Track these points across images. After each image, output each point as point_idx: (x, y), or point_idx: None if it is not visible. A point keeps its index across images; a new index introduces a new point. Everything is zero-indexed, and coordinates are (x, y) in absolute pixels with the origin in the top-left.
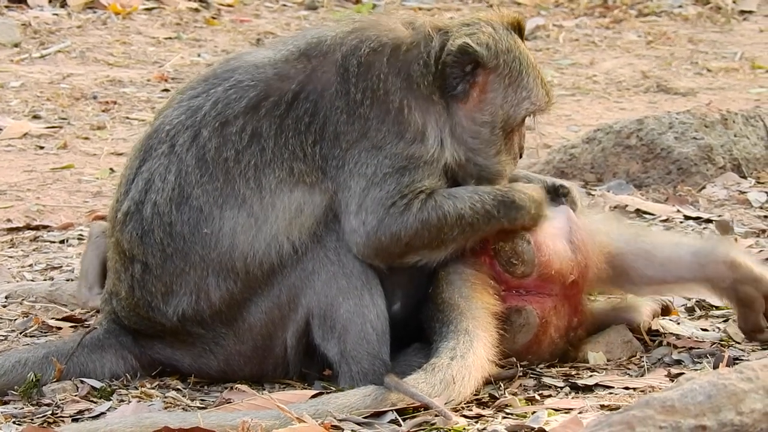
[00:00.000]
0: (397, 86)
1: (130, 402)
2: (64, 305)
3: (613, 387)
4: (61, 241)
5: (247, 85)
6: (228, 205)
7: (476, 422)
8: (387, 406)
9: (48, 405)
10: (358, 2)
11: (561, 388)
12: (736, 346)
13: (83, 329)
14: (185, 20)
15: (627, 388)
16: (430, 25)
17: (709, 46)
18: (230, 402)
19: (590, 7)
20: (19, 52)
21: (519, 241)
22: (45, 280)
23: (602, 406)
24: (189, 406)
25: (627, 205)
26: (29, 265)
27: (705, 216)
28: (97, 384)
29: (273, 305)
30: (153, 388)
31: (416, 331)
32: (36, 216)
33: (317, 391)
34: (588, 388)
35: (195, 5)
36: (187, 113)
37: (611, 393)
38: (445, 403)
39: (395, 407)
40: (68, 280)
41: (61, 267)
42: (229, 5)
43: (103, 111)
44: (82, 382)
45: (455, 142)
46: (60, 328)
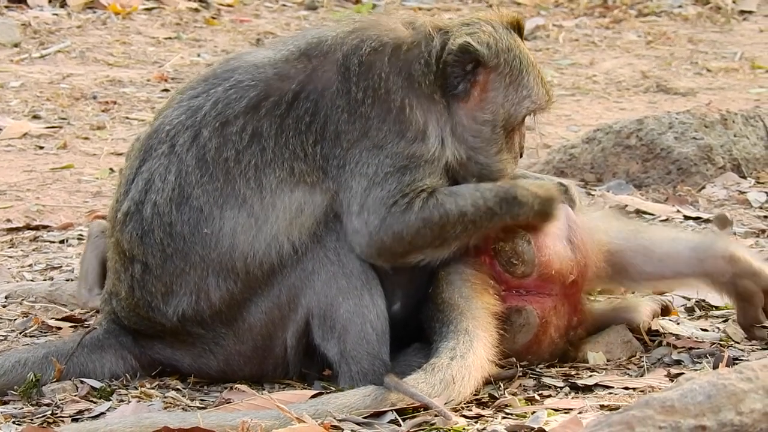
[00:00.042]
0: (398, 85)
1: (129, 402)
2: (63, 305)
3: (613, 387)
4: (61, 241)
5: (247, 85)
6: (228, 205)
7: (476, 422)
8: (387, 406)
9: (48, 405)
10: (358, 2)
11: (561, 388)
12: (736, 347)
13: (83, 329)
14: (185, 20)
15: (627, 388)
16: (430, 25)
17: (709, 46)
18: (230, 402)
19: (590, 7)
20: (18, 52)
21: (519, 241)
22: (45, 280)
23: (602, 406)
24: (189, 406)
25: (627, 205)
26: (29, 265)
27: (705, 216)
28: (97, 384)
29: (273, 305)
30: (153, 388)
31: (416, 331)
32: (36, 216)
33: (317, 391)
34: (588, 388)
35: (195, 5)
36: (187, 113)
37: (611, 393)
38: (445, 403)
39: (395, 407)
40: (68, 280)
41: (60, 267)
42: (228, 5)
43: (103, 111)
44: (81, 382)
45: (456, 141)
46: (60, 328)
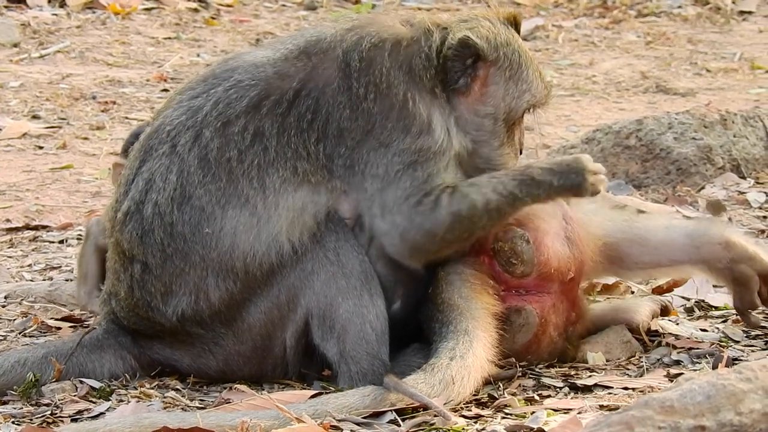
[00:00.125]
0: (399, 80)
1: (129, 402)
2: (63, 305)
3: (612, 387)
4: (61, 241)
5: (247, 85)
6: (230, 205)
7: (475, 422)
8: (386, 406)
9: (47, 405)
10: (357, 2)
11: (560, 388)
12: (735, 347)
13: (82, 329)
14: (184, 20)
15: (626, 388)
16: (429, 21)
17: (709, 47)
18: (229, 402)
19: (589, 7)
20: (18, 52)
21: (518, 241)
22: (44, 280)
23: (601, 407)
24: (188, 406)
25: (626, 206)
26: (28, 265)
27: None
28: (96, 384)
29: (272, 305)
30: (152, 388)
31: (416, 332)
32: (35, 216)
33: (316, 392)
34: (587, 389)
35: (194, 5)
36: (187, 114)
37: (610, 393)
38: (445, 404)
39: (394, 407)
40: (67, 280)
41: (60, 267)
42: (228, 5)
43: (103, 111)
44: (81, 382)
45: (461, 132)
46: (59, 328)
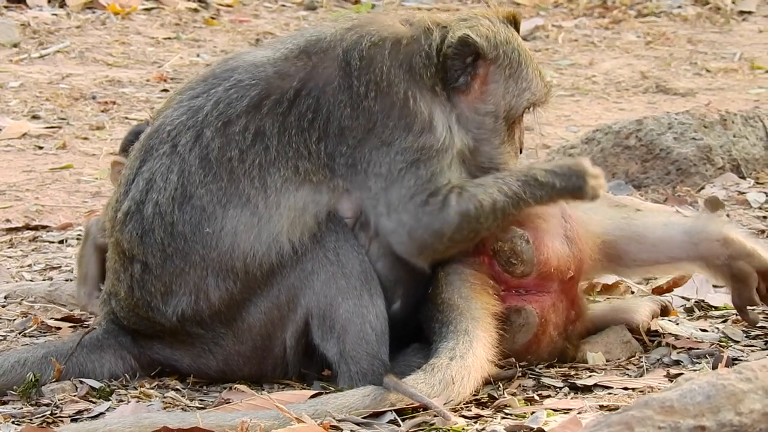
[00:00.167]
0: (400, 78)
1: (129, 402)
2: (63, 305)
3: (612, 387)
4: (60, 242)
5: (247, 84)
6: (231, 205)
7: (475, 422)
8: (386, 406)
9: (47, 405)
10: (356, 2)
11: (560, 388)
12: (735, 347)
13: (82, 329)
14: (184, 20)
15: (626, 388)
16: (429, 20)
17: (709, 47)
18: (229, 402)
19: (589, 7)
20: (18, 52)
21: (518, 241)
22: (44, 280)
23: (601, 407)
24: (188, 406)
25: (626, 206)
26: (28, 265)
27: None
28: (96, 384)
29: (272, 305)
30: (152, 389)
31: (415, 332)
32: (35, 216)
33: (316, 392)
34: (587, 389)
35: (194, 5)
36: (188, 113)
37: (610, 393)
38: (444, 404)
39: (394, 407)
40: (67, 280)
41: (60, 267)
42: (228, 5)
43: (102, 111)
44: (81, 382)
45: (462, 130)
46: (59, 328)
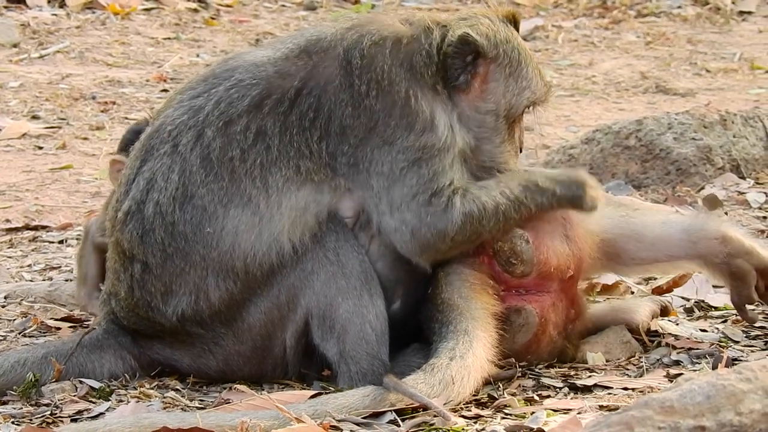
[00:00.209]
0: (401, 77)
1: (128, 402)
2: (63, 305)
3: (612, 387)
4: (60, 242)
5: (248, 84)
6: (233, 204)
7: (475, 422)
8: (386, 406)
9: (47, 405)
10: (356, 2)
11: (560, 388)
12: (735, 347)
13: (82, 329)
14: (184, 20)
15: (626, 388)
16: (429, 19)
17: (708, 47)
18: (229, 402)
19: (589, 7)
20: (18, 53)
21: (518, 241)
22: (44, 280)
23: (601, 407)
24: (188, 406)
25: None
26: (28, 266)
27: None
28: (96, 384)
29: (272, 305)
30: (152, 389)
31: (416, 332)
32: (35, 216)
33: (316, 392)
34: (587, 389)
35: (194, 5)
36: (189, 113)
37: (610, 393)
38: (444, 404)
39: (394, 408)
40: (67, 280)
41: (60, 267)
42: (228, 6)
43: (102, 111)
44: (81, 382)
45: (464, 129)
46: (59, 328)
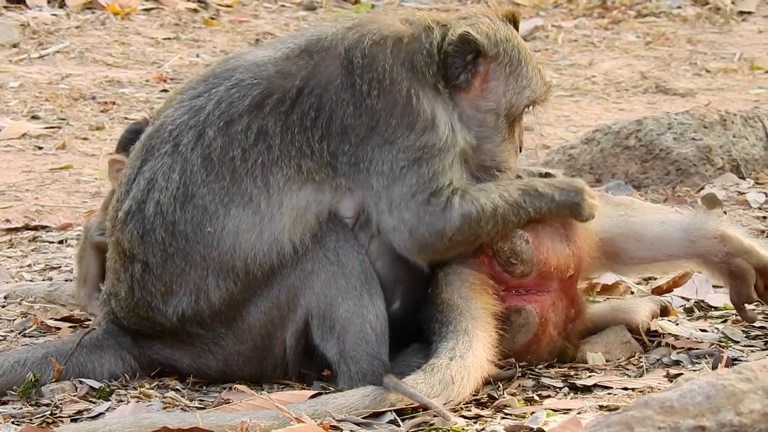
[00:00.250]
0: (402, 76)
1: (128, 402)
2: (63, 305)
3: (612, 387)
4: (60, 242)
5: (249, 84)
6: (234, 204)
7: (475, 422)
8: (386, 406)
9: (47, 405)
10: (356, 2)
11: (560, 388)
12: (735, 347)
13: (82, 329)
14: (184, 21)
15: (626, 388)
16: (429, 19)
17: (708, 47)
18: (229, 402)
19: (589, 7)
20: (17, 53)
21: (517, 241)
22: (44, 280)
23: (601, 407)
24: (188, 406)
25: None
26: (28, 266)
27: None
28: (96, 384)
29: (272, 305)
30: (152, 389)
31: (415, 332)
32: (35, 216)
33: (316, 392)
34: (587, 389)
35: (194, 6)
36: (189, 113)
37: (610, 393)
38: (444, 404)
39: (394, 408)
40: (67, 280)
41: (59, 267)
42: (227, 6)
43: (102, 111)
44: (81, 382)
45: (465, 128)
46: (59, 328)
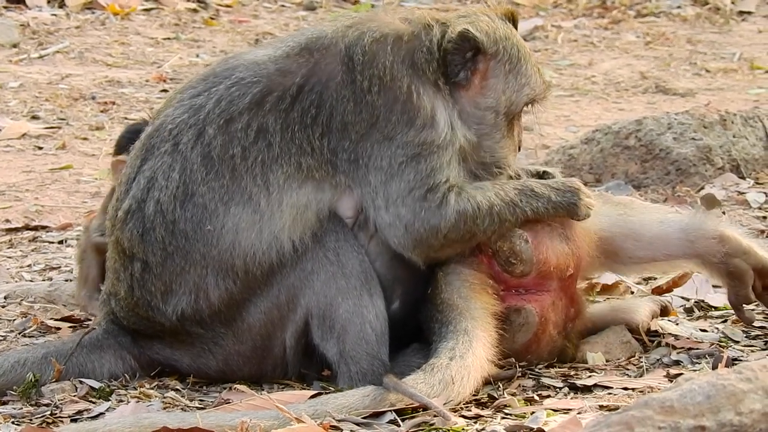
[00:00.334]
0: (403, 73)
1: (128, 402)
2: (63, 305)
3: (612, 387)
4: (60, 242)
5: (249, 82)
6: (233, 202)
7: (475, 422)
8: (386, 406)
9: (47, 405)
10: (356, 2)
11: (560, 388)
12: (735, 347)
13: (82, 329)
14: (184, 21)
15: (626, 388)
16: (428, 17)
17: (708, 47)
18: (229, 402)
19: (589, 7)
20: (17, 53)
21: (517, 240)
22: (44, 280)
23: (601, 407)
24: (188, 406)
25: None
26: (28, 266)
27: None
28: (96, 384)
29: (272, 305)
30: (152, 389)
31: (415, 332)
32: (35, 216)
33: (316, 392)
34: (587, 389)
35: (193, 6)
36: (189, 112)
37: (610, 393)
38: (444, 404)
39: (394, 408)
40: (67, 281)
41: (59, 267)
42: (227, 6)
43: (102, 111)
44: (81, 382)
45: (464, 126)
46: (59, 328)
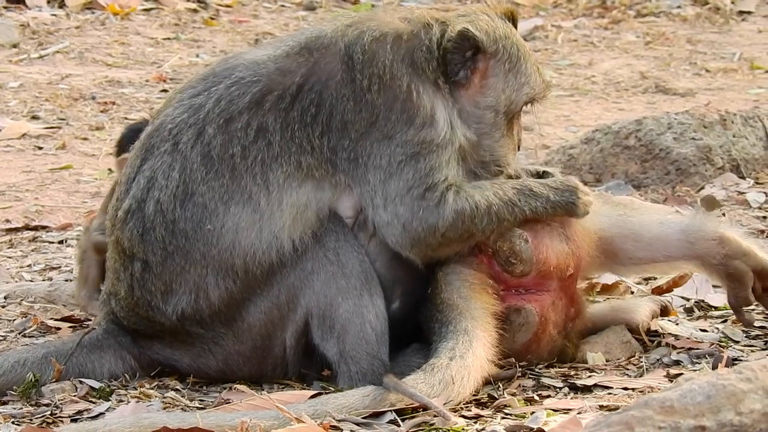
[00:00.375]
0: (403, 72)
1: (128, 402)
2: (63, 305)
3: (612, 387)
4: (60, 242)
5: (249, 81)
6: (233, 201)
7: (475, 422)
8: (386, 406)
9: (47, 405)
10: (356, 2)
11: (560, 388)
12: (735, 347)
13: (82, 329)
14: (184, 21)
15: (626, 388)
16: (428, 16)
17: (708, 47)
18: (229, 402)
19: (589, 7)
20: (17, 53)
21: (517, 240)
22: (44, 280)
23: (601, 407)
24: (188, 406)
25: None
26: (28, 266)
27: None
28: (96, 384)
29: (272, 305)
30: (152, 389)
31: (415, 331)
32: (35, 216)
33: (316, 392)
34: (587, 389)
35: (193, 6)
36: (189, 111)
37: (610, 393)
38: (444, 404)
39: (394, 407)
40: (67, 281)
41: (59, 267)
42: (227, 6)
43: (102, 111)
44: (81, 382)
45: (464, 125)
46: (59, 328)
